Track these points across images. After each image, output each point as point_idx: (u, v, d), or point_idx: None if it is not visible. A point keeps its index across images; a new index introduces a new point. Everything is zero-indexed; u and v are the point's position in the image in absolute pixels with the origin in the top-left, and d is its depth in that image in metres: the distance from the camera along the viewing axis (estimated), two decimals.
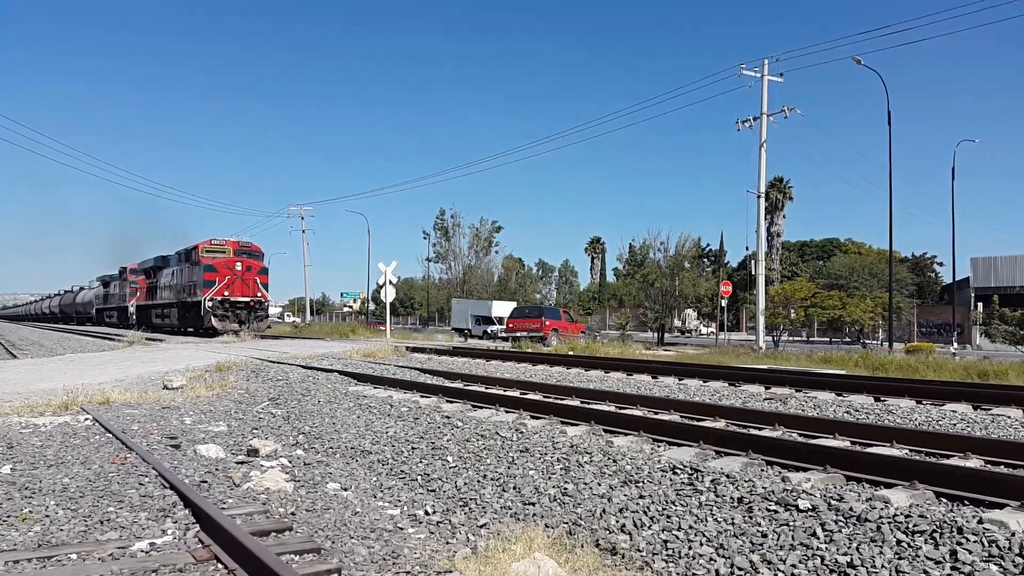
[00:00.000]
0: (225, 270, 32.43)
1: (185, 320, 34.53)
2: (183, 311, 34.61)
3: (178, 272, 35.88)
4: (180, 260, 36.00)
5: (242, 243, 35.02)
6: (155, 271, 40.48)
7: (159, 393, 10.64)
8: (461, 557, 4.07)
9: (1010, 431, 6.86)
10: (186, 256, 34.89)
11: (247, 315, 32.75)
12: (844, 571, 3.54)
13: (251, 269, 33.51)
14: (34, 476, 5.41)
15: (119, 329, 43.04)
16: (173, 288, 36.44)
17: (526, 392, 9.88)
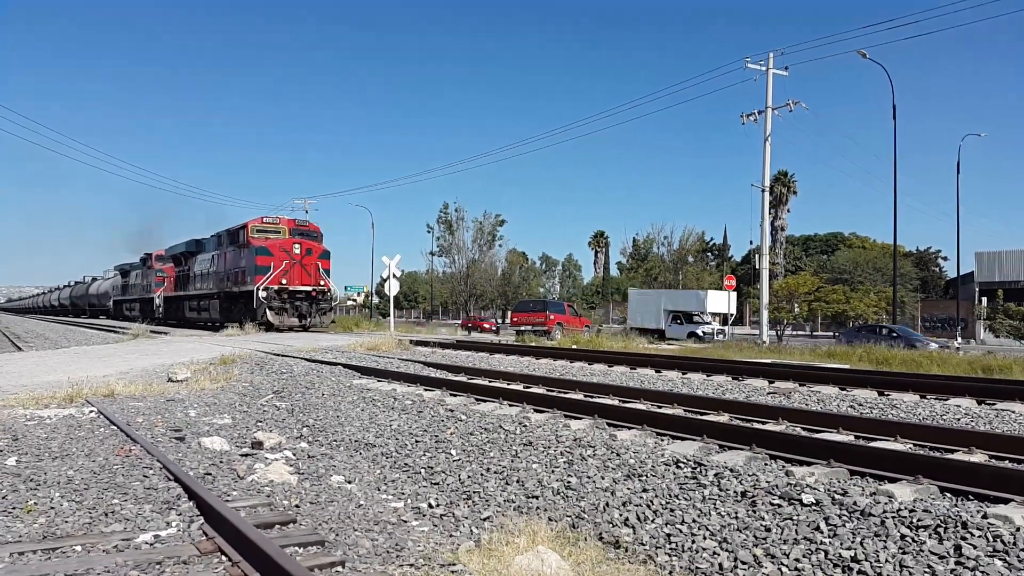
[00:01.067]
0: (282, 254, 26.58)
1: (229, 313, 29.10)
2: (227, 303, 29.20)
3: (219, 258, 30.35)
4: (222, 243, 30.32)
5: (299, 222, 29.67)
6: (187, 257, 34.94)
7: (164, 386, 10.66)
8: (465, 550, 4.08)
9: (1015, 426, 6.84)
10: (231, 238, 29.30)
11: (308, 307, 27.08)
12: (848, 565, 3.54)
13: (311, 252, 27.52)
14: (39, 468, 5.43)
15: (141, 324, 34.90)
16: (213, 276, 30.87)
17: (530, 386, 9.88)
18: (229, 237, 29.45)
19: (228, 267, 29.10)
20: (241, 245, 27.77)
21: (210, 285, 31.00)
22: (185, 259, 35.45)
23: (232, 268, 28.63)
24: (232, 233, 29.20)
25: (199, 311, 32.86)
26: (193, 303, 33.75)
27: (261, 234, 27.35)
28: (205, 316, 32.25)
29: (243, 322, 26.76)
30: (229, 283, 28.72)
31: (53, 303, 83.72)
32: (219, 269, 30.07)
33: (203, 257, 32.79)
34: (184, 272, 35.19)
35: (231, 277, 28.53)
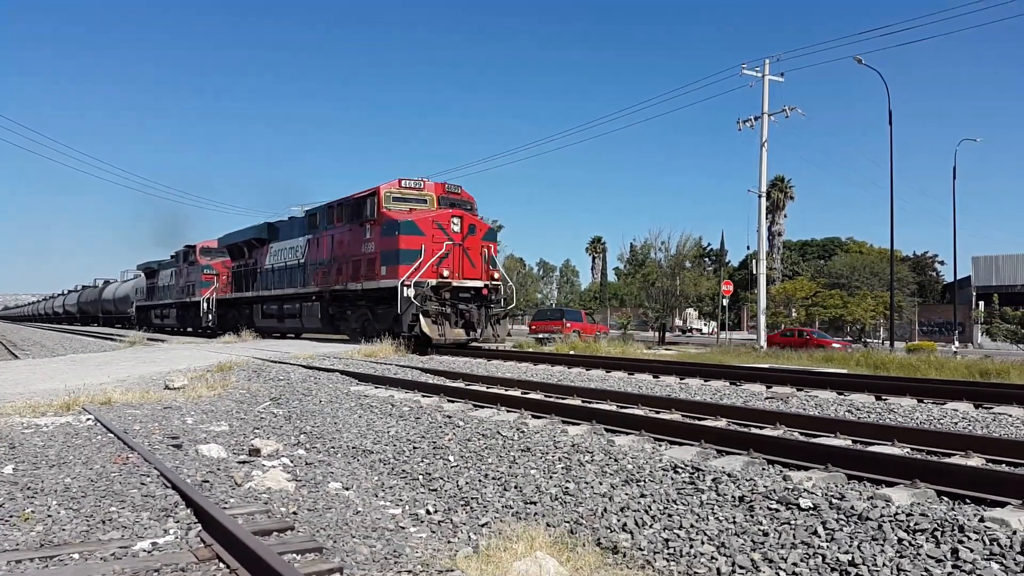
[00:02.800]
0: (436, 232, 17.98)
1: (341, 320, 21.05)
2: (339, 307, 20.96)
3: (319, 243, 21.84)
4: (323, 222, 21.76)
5: (449, 187, 19.82)
6: (253, 247, 26.93)
7: (161, 393, 10.65)
8: (463, 556, 4.08)
9: (1011, 430, 6.85)
10: (350, 212, 20.18)
11: (478, 312, 18.42)
12: (845, 569, 3.55)
13: (474, 230, 18.76)
14: (36, 476, 5.42)
15: (185, 337, 30.09)
16: (308, 269, 22.38)
17: (527, 392, 9.88)
18: (344, 211, 20.46)
19: (341, 254, 20.40)
20: (367, 221, 19.04)
21: (302, 282, 22.55)
22: (250, 250, 27.24)
23: (348, 255, 19.92)
24: (351, 205, 20.12)
25: (280, 318, 24.43)
26: (270, 307, 25.24)
27: (401, 204, 18.63)
28: (292, 325, 24.01)
29: (378, 335, 18.31)
30: (343, 277, 20.18)
31: (56, 310, 74.08)
32: (320, 258, 21.60)
33: (282, 246, 24.58)
34: (247, 267, 27.35)
35: (347, 269, 19.99)
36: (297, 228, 24.05)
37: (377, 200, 18.85)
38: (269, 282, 25.34)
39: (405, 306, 17.31)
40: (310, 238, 22.69)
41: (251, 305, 27.05)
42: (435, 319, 17.52)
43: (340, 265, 20.51)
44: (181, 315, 34.69)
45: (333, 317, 21.43)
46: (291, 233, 24.39)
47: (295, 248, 23.70)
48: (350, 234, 20.15)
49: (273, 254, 25.38)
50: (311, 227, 22.77)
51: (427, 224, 18.02)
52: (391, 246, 18.12)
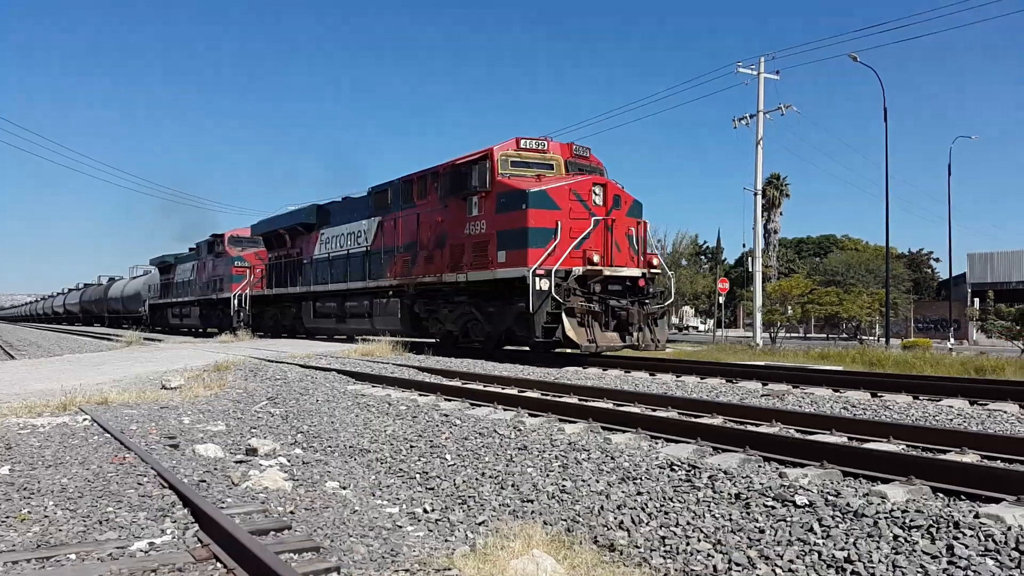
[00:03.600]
0: (575, 205, 13.93)
1: (434, 319, 17.02)
2: (429, 303, 17.04)
3: (394, 223, 17.90)
4: (399, 198, 17.90)
5: (577, 149, 15.69)
6: (298, 235, 23.01)
7: (157, 393, 10.63)
8: (460, 555, 4.09)
9: (1006, 426, 6.88)
10: (444, 182, 16.08)
11: (635, 309, 14.06)
12: (841, 566, 3.56)
13: (619, 202, 14.63)
14: (32, 477, 5.42)
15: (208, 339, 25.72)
16: (373, 259, 18.73)
17: (524, 390, 9.89)
18: (436, 183, 16.28)
19: (430, 238, 16.29)
20: (473, 193, 14.87)
21: (371, 273, 18.71)
22: (293, 237, 23.44)
23: (442, 239, 15.82)
24: (448, 174, 15.80)
25: (340, 317, 20.56)
26: (325, 304, 21.22)
27: (521, 170, 14.55)
28: (358, 326, 19.99)
29: (489, 340, 15.25)
30: (434, 267, 16.07)
31: (56, 310, 70.24)
32: (395, 244, 17.68)
33: (336, 232, 20.76)
34: (290, 258, 23.42)
35: (441, 257, 15.81)
36: (358, 209, 20.00)
37: (490, 165, 14.41)
38: (322, 275, 21.31)
39: (538, 302, 13.06)
40: (380, 220, 18.66)
41: (298, 303, 22.95)
42: (581, 319, 13.14)
43: (430, 252, 16.20)
44: (205, 314, 30.63)
45: (418, 317, 17.34)
46: (349, 216, 20.37)
47: (356, 233, 19.73)
48: (446, 212, 15.93)
49: (325, 242, 21.35)
50: (379, 207, 18.77)
51: (562, 195, 13.75)
52: (514, 223, 13.69)
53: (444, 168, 16.32)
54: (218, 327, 28.32)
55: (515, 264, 13.87)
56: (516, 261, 13.87)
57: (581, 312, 13.29)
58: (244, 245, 28.83)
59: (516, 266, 13.82)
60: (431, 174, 16.87)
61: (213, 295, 29.64)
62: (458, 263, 15.52)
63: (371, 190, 19.56)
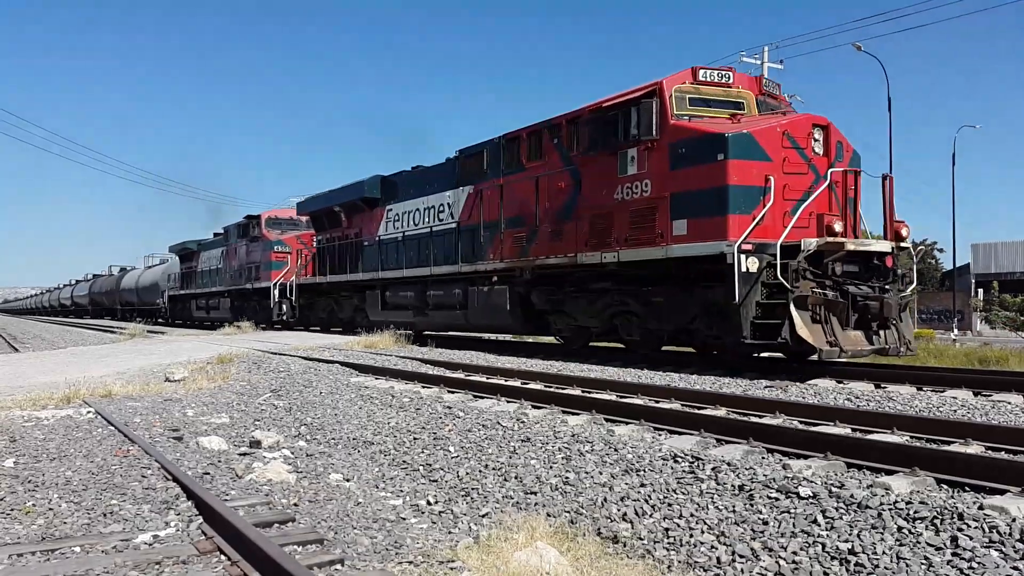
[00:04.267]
0: (789, 154, 10.05)
1: (558, 312, 13.44)
2: (548, 294, 13.36)
3: (501, 192, 14.11)
4: (500, 161, 14.24)
5: (767, 85, 11.87)
6: (353, 213, 19.90)
7: (161, 385, 10.66)
8: (463, 547, 4.09)
9: (1010, 417, 6.86)
10: (584, 132, 12.09)
11: (888, 301, 9.86)
12: (845, 557, 3.56)
13: (841, 152, 10.65)
14: (37, 469, 5.44)
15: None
16: (464, 237, 15.32)
17: (527, 382, 9.88)
18: (568, 135, 12.56)
19: (550, 210, 12.80)
20: (631, 144, 11.21)
21: (462, 256, 15.24)
22: (351, 215, 20.12)
23: (574, 209, 12.28)
24: (591, 121, 12.01)
25: (419, 309, 16.94)
26: (399, 294, 17.65)
27: (699, 109, 11.05)
28: (447, 319, 16.47)
29: (646, 341, 11.97)
30: (562, 246, 12.50)
31: (63, 302, 66.52)
32: (493, 219, 14.22)
33: (408, 207, 17.53)
34: (346, 240, 20.12)
35: (575, 232, 12.22)
36: (438, 179, 16.57)
37: (659, 105, 10.68)
38: (392, 258, 17.98)
39: (746, 288, 9.52)
40: (473, 190, 15.10)
41: (360, 292, 19.45)
42: (815, 313, 9.46)
43: (555, 226, 12.59)
44: (238, 306, 27.12)
45: (534, 309, 13.67)
46: (424, 187, 16.99)
47: (438, 207, 16.37)
48: (579, 174, 12.14)
49: (394, 219, 18.12)
50: (470, 174, 15.27)
51: (774, 140, 10.07)
52: (702, 181, 10.07)
53: (576, 117, 12.35)
54: (256, 320, 25.14)
55: (703, 237, 10.07)
56: (705, 233, 10.03)
57: (815, 303, 9.46)
58: (284, 227, 25.37)
59: (705, 239, 10.03)
60: (549, 128, 12.99)
61: (247, 284, 25.98)
62: (603, 238, 11.65)
63: (459, 154, 15.78)
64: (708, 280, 10.29)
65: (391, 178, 18.85)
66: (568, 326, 13.62)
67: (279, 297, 23.40)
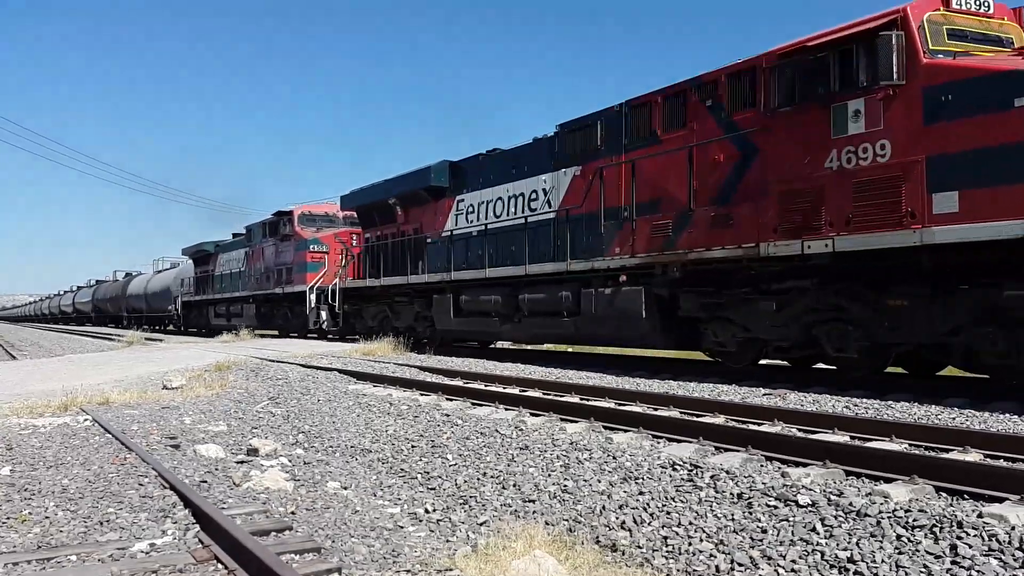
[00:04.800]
0: None
1: (716, 320, 10.50)
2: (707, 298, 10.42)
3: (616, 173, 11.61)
4: (625, 132, 11.60)
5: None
6: (411, 205, 17.52)
7: (158, 393, 10.63)
8: (461, 555, 4.08)
9: (1009, 425, 6.86)
10: (776, 80, 9.19)
11: None
12: (844, 566, 3.55)
13: None
14: (33, 477, 5.41)
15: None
16: (589, 227, 12.12)
17: (525, 389, 9.88)
18: (758, 84, 9.53)
19: (720, 182, 10.03)
20: (857, 92, 8.54)
21: (575, 248, 12.49)
22: (408, 208, 17.65)
23: (752, 182, 9.57)
24: (785, 67, 9.16)
25: (509, 316, 14.17)
26: (479, 298, 14.79)
27: (958, 44, 8.33)
28: (547, 329, 13.68)
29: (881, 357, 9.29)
30: (762, 222, 9.39)
31: (64, 309, 64.31)
32: (631, 201, 11.36)
33: (491, 195, 14.90)
34: (402, 238, 17.70)
35: (765, 211, 9.35)
36: (526, 161, 14.06)
37: (903, 39, 8.22)
38: (465, 256, 15.50)
39: None
40: (577, 173, 12.67)
41: (424, 296, 16.79)
42: None
43: (719, 209, 9.99)
44: (265, 313, 24.94)
45: (679, 317, 10.92)
46: (508, 172, 14.53)
47: (529, 195, 13.78)
48: (772, 135, 9.34)
49: (467, 211, 15.60)
50: (575, 152, 12.76)
51: None
52: (992, 136, 7.47)
53: (748, 68, 9.80)
54: (282, 329, 23.39)
55: (989, 215, 7.38)
56: (994, 208, 7.35)
57: None
58: (319, 224, 22.84)
59: (993, 218, 7.34)
60: (699, 87, 10.44)
61: (277, 288, 23.30)
62: (805, 222, 8.98)
63: (560, 129, 13.19)
64: (991, 275, 7.73)
65: (462, 164, 16.26)
66: (732, 338, 10.44)
67: (317, 302, 20.90)
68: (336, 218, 23.13)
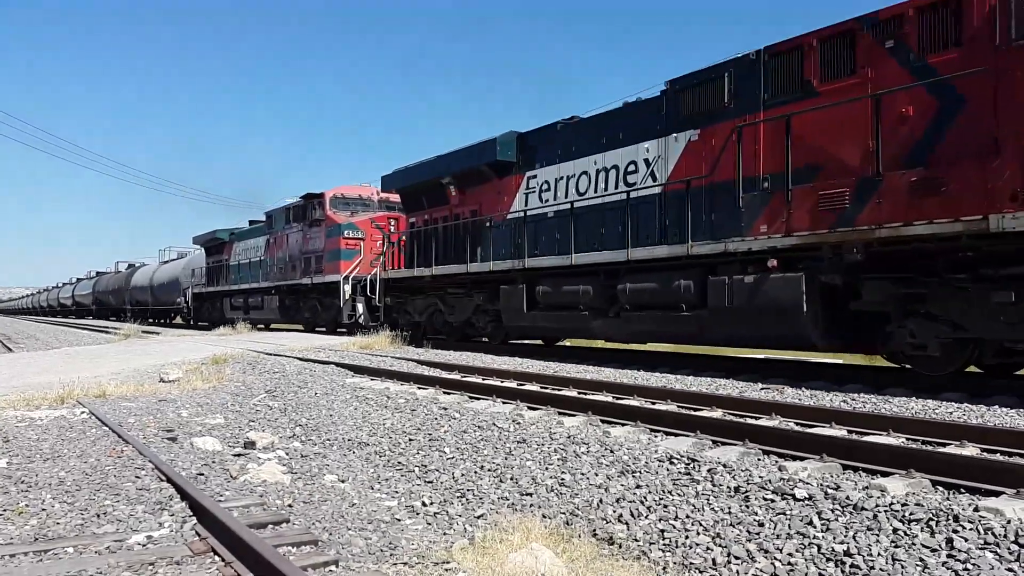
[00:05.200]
0: None
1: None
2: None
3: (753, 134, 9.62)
4: (784, 71, 9.38)
5: None
6: (468, 184, 15.70)
7: (155, 386, 10.63)
8: (458, 548, 4.08)
9: (1006, 419, 6.87)
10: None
11: None
12: (840, 559, 3.55)
13: None
14: (30, 470, 5.41)
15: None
16: (713, 200, 10.16)
17: (523, 383, 9.88)
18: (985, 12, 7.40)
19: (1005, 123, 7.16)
20: None
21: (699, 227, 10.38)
22: (463, 190, 15.86)
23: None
24: None
25: (603, 310, 12.12)
26: (561, 290, 12.75)
27: None
28: (659, 326, 11.29)
29: None
30: None
31: (63, 302, 62.41)
32: (784, 167, 9.10)
33: (569, 170, 12.99)
34: (455, 221, 15.90)
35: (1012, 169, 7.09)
36: (620, 127, 12.03)
37: None
38: (541, 241, 13.38)
39: None
40: (694, 137, 10.73)
41: (485, 287, 14.95)
42: None
43: (918, 174, 8.01)
44: (288, 305, 23.18)
45: (852, 312, 8.94)
46: (591, 142, 12.53)
47: (620, 168, 11.85)
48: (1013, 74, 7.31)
49: (540, 188, 13.59)
50: (694, 113, 10.76)
51: None
52: None
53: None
54: (308, 323, 21.52)
55: None
56: None
57: None
58: (354, 208, 21.02)
59: None
60: (873, 25, 8.60)
61: (304, 279, 21.50)
62: None
63: (670, 86, 11.14)
64: None
65: (532, 136, 14.18)
66: (936, 339, 8.31)
67: (352, 293, 19.20)
68: (371, 201, 21.49)
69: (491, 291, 14.89)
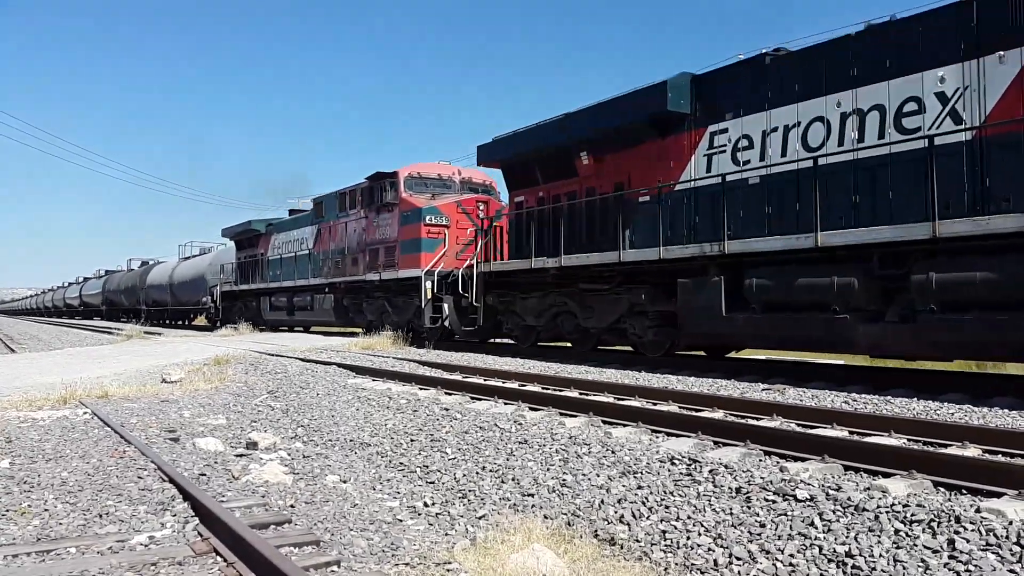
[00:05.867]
0: None
1: None
2: None
3: None
4: None
5: None
6: (613, 147, 12.19)
7: (158, 387, 10.64)
8: (460, 548, 4.08)
9: (1007, 420, 6.87)
10: None
11: None
12: (842, 560, 3.55)
13: None
14: (33, 470, 5.42)
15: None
16: None
17: (525, 384, 9.88)
18: None
19: None
20: None
21: None
22: (599, 157, 12.65)
23: None
24: None
25: (879, 313, 8.60)
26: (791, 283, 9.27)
27: None
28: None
29: None
30: None
31: (70, 302, 59.47)
32: None
33: (797, 115, 9.51)
34: (584, 199, 12.83)
35: None
36: (886, 54, 8.73)
37: None
38: (740, 219, 10.28)
39: None
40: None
41: (644, 279, 11.76)
42: None
43: None
44: (346, 305, 19.71)
45: None
46: (828, 80, 9.31)
47: (874, 112, 8.83)
48: None
49: (731, 145, 10.48)
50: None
51: None
52: None
53: None
54: (369, 328, 17.92)
55: None
56: None
57: None
58: (432, 188, 17.72)
59: None
60: None
61: (370, 275, 18.14)
62: None
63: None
64: None
65: (716, 75, 10.92)
66: None
67: (434, 291, 15.91)
68: (452, 182, 18.23)
69: (656, 286, 11.57)
